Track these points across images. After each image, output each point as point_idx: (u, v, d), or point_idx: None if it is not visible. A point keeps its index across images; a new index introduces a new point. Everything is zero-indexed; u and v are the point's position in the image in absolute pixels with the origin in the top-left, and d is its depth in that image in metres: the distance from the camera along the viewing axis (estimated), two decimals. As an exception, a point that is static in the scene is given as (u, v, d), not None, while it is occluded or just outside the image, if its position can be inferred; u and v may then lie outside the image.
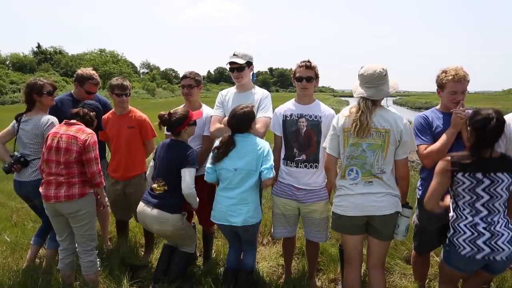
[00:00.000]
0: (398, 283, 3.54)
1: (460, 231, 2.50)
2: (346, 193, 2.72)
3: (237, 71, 3.42)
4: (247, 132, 3.05)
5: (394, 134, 2.61)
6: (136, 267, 3.72)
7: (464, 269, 2.53)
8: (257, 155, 2.95)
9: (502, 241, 2.39)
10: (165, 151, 3.25)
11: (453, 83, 2.82)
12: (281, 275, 3.72)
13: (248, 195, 3.00)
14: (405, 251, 4.02)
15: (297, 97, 3.23)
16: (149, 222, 3.22)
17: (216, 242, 4.24)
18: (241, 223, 2.99)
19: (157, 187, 3.20)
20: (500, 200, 2.41)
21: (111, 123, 3.78)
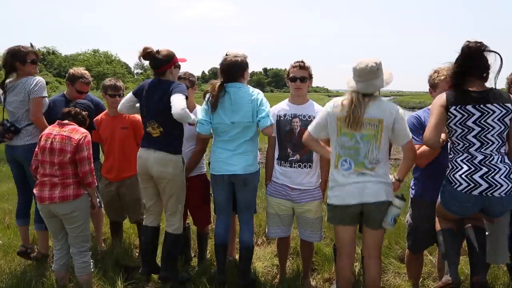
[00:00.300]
0: (393, 282, 3.56)
1: (457, 166, 2.47)
2: (340, 184, 2.71)
3: None
4: (238, 81, 3.01)
5: (387, 123, 2.60)
6: (131, 268, 3.70)
7: (459, 211, 2.50)
8: (252, 106, 2.94)
9: (499, 175, 2.36)
10: (152, 91, 3.11)
11: (445, 83, 2.83)
12: (276, 275, 3.72)
13: (247, 146, 3.03)
14: (399, 250, 4.05)
15: (290, 97, 3.25)
16: (151, 165, 3.11)
17: (210, 242, 4.24)
18: (242, 171, 2.99)
19: (153, 130, 3.11)
20: (493, 131, 2.39)
21: (105, 124, 3.76)
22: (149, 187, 3.26)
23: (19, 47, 3.48)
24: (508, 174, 2.37)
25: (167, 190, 3.19)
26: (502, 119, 2.38)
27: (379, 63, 2.60)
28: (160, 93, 3.06)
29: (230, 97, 2.98)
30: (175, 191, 3.21)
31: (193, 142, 3.57)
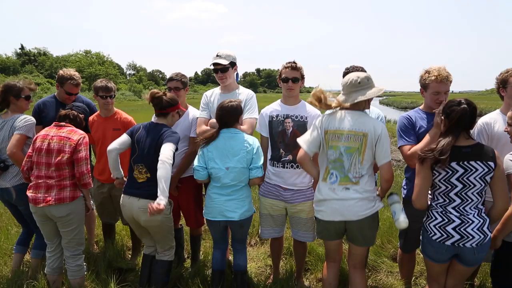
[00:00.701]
0: (385, 281, 3.59)
1: (432, 217, 2.54)
2: (325, 198, 2.74)
3: (221, 72, 3.43)
4: (234, 126, 3.04)
5: (371, 139, 2.62)
6: (123, 270, 3.69)
7: (435, 258, 2.56)
8: (247, 153, 2.96)
9: (471, 228, 2.42)
10: (145, 134, 3.08)
11: (436, 84, 2.86)
12: (269, 275, 3.72)
13: (243, 191, 3.03)
14: (392, 249, 4.08)
15: (283, 98, 3.25)
16: (136, 214, 3.02)
17: (203, 243, 4.24)
18: (239, 217, 3.00)
19: (139, 175, 3.03)
20: (473, 189, 2.42)
21: (96, 125, 3.75)
22: (139, 228, 3.22)
23: (15, 83, 3.45)
24: (480, 226, 2.43)
25: (157, 232, 3.17)
26: (484, 177, 2.42)
27: (363, 78, 2.66)
28: (153, 137, 3.04)
29: (225, 142, 2.99)
30: (166, 229, 3.19)
31: (186, 143, 3.57)
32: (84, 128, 3.34)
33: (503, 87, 3.04)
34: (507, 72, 3.02)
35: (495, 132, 2.97)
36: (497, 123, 3.00)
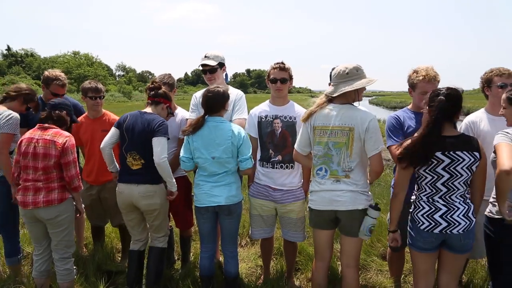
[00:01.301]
0: (375, 279, 3.62)
1: (419, 207, 2.56)
2: (316, 189, 2.79)
3: (209, 73, 3.43)
4: (219, 113, 3.01)
5: (358, 132, 2.62)
6: (113, 273, 3.66)
7: (425, 247, 2.57)
8: (232, 143, 2.93)
9: (457, 214, 2.46)
10: (136, 122, 3.10)
11: (423, 83, 2.89)
12: (260, 275, 3.73)
13: (229, 178, 3.02)
14: (381, 248, 4.11)
15: (271, 98, 3.26)
16: (136, 199, 3.09)
17: (194, 245, 4.23)
18: (225, 201, 2.98)
19: (134, 161, 3.09)
20: (460, 179, 2.45)
21: (85, 127, 3.71)
22: (134, 218, 3.26)
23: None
24: (466, 213, 2.48)
25: (156, 217, 3.21)
26: (470, 166, 2.45)
27: (352, 69, 2.64)
28: (144, 124, 3.06)
29: (210, 131, 2.96)
30: (163, 215, 3.25)
31: (175, 144, 3.56)
32: (71, 121, 3.27)
33: (488, 87, 3.07)
34: (491, 71, 3.05)
35: (480, 130, 3.01)
36: (482, 122, 3.04)
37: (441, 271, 2.69)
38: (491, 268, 2.82)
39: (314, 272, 2.97)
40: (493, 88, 3.02)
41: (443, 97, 2.44)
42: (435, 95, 2.50)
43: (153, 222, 3.23)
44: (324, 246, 2.89)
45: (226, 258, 3.16)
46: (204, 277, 3.20)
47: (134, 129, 3.08)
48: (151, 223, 3.25)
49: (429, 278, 2.69)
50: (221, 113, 3.03)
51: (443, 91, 2.47)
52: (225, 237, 3.14)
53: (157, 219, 3.22)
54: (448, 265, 2.64)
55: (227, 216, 3.04)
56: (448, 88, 2.49)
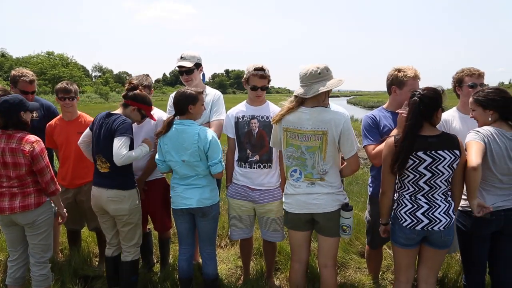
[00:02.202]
0: (354, 277, 3.66)
1: (402, 204, 2.61)
2: (291, 192, 2.78)
3: (186, 74, 3.41)
4: (188, 115, 2.95)
5: (332, 136, 2.62)
6: (90, 278, 3.59)
7: (407, 243, 2.62)
8: (198, 148, 2.87)
9: (438, 212, 2.52)
10: (101, 124, 3.06)
11: (413, 81, 2.92)
12: (240, 276, 3.73)
13: (201, 181, 2.98)
14: (360, 246, 4.17)
15: (249, 99, 3.25)
16: (105, 203, 3.06)
17: (173, 247, 4.19)
18: (196, 204, 2.96)
19: (102, 164, 3.05)
20: (442, 177, 2.50)
21: (59, 129, 3.62)
22: (107, 221, 3.23)
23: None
24: (446, 210, 2.54)
25: (125, 223, 3.14)
26: (451, 165, 2.50)
27: (323, 69, 2.61)
28: (106, 127, 3.01)
29: (178, 135, 2.92)
30: (134, 221, 3.17)
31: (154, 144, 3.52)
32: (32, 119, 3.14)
33: (459, 86, 3.15)
34: (462, 71, 3.13)
35: (452, 128, 3.10)
36: (454, 120, 3.13)
37: (421, 266, 2.75)
38: (464, 261, 2.91)
39: (291, 273, 2.97)
40: (464, 87, 3.10)
41: (418, 98, 2.48)
42: (411, 96, 2.55)
43: (122, 228, 3.15)
44: (300, 247, 2.90)
45: (204, 260, 3.15)
46: (183, 280, 3.17)
47: (100, 131, 3.04)
48: (120, 228, 3.17)
49: (409, 273, 2.74)
50: (190, 115, 2.96)
51: (419, 92, 2.51)
52: (202, 239, 3.12)
53: (126, 225, 3.13)
54: (428, 260, 2.70)
55: (202, 218, 3.02)
56: (424, 89, 2.53)
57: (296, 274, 2.93)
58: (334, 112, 2.65)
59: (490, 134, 2.59)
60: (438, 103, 2.52)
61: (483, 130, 2.62)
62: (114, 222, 3.21)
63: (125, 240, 3.20)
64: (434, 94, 2.51)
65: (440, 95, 2.54)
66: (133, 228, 3.17)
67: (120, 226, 3.16)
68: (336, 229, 2.78)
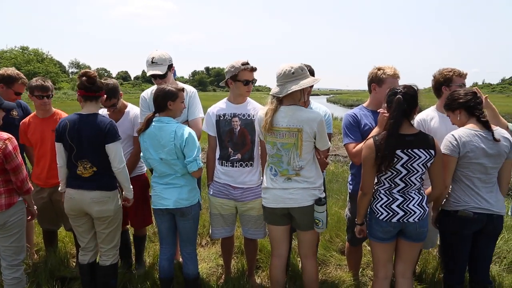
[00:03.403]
0: (334, 274, 3.70)
1: (378, 198, 2.67)
2: (269, 187, 2.84)
3: (159, 78, 3.32)
4: (167, 112, 2.91)
5: (307, 133, 2.67)
6: (67, 279, 3.50)
7: (384, 237, 2.67)
8: (174, 146, 2.84)
9: (413, 204, 2.60)
10: (81, 128, 2.86)
11: (392, 79, 2.96)
12: (221, 275, 3.71)
13: (179, 180, 2.94)
14: (340, 243, 4.21)
15: (232, 97, 3.20)
16: (88, 205, 2.91)
17: (153, 246, 4.14)
18: (173, 205, 2.93)
19: (84, 171, 2.90)
20: (416, 175, 2.58)
21: (33, 127, 3.51)
22: (83, 224, 3.07)
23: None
24: (420, 202, 2.63)
25: (108, 224, 3.04)
26: (426, 163, 2.58)
27: (297, 68, 2.66)
28: (92, 130, 2.86)
29: (156, 132, 2.88)
30: (117, 222, 3.09)
31: (130, 142, 3.47)
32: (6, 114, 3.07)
33: (447, 85, 3.12)
34: (451, 71, 3.13)
35: (431, 127, 3.15)
36: (433, 120, 3.18)
37: (398, 260, 2.81)
38: (445, 259, 2.97)
39: (271, 268, 2.99)
40: (453, 87, 3.08)
41: (401, 96, 2.53)
42: (392, 94, 2.59)
43: (104, 230, 3.04)
44: (279, 241, 2.94)
45: (184, 260, 3.12)
46: (164, 279, 3.14)
47: (81, 136, 2.87)
48: (101, 230, 3.05)
49: (387, 268, 2.79)
50: (170, 112, 2.92)
51: (400, 89, 2.56)
52: (182, 238, 3.09)
53: (109, 227, 3.04)
54: (404, 254, 2.76)
55: (181, 218, 2.99)
56: (405, 86, 2.58)
57: (276, 270, 2.96)
58: (310, 111, 2.75)
59: (466, 136, 2.67)
60: (417, 101, 2.60)
61: (458, 134, 2.69)
62: (91, 225, 3.08)
63: (105, 242, 3.10)
64: (414, 92, 2.58)
65: (417, 93, 2.61)
66: (114, 230, 3.09)
67: (102, 228, 3.04)
68: (310, 223, 2.84)
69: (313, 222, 2.82)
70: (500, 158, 2.70)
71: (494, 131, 2.68)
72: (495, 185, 2.78)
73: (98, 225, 3.04)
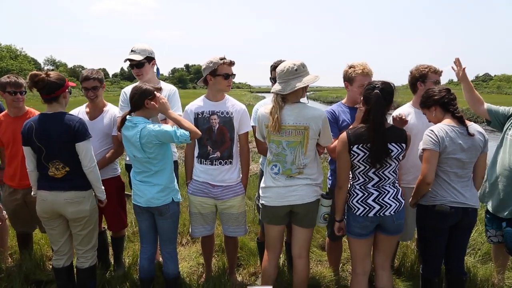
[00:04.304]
0: (315, 269, 3.72)
1: (354, 194, 2.70)
2: (270, 185, 2.82)
3: (136, 67, 3.31)
4: (141, 111, 2.86)
5: (313, 130, 2.69)
6: (43, 283, 3.41)
7: (362, 232, 2.71)
8: (141, 145, 2.78)
9: (388, 197, 2.64)
10: (49, 129, 2.76)
11: (362, 77, 2.99)
12: (202, 274, 3.69)
13: (153, 179, 2.89)
14: (320, 239, 4.25)
15: (210, 93, 3.16)
16: (62, 206, 2.82)
17: (132, 246, 4.08)
18: (144, 204, 2.90)
19: (57, 171, 2.80)
20: (390, 169, 2.62)
21: (5, 126, 3.40)
22: (57, 226, 2.96)
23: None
24: (395, 195, 2.67)
25: (84, 226, 2.95)
26: (398, 157, 2.63)
27: (299, 65, 2.66)
28: (60, 129, 2.76)
29: (128, 130, 2.83)
30: (93, 223, 3.01)
31: (107, 141, 3.40)
32: None
33: (422, 81, 3.18)
34: (427, 67, 3.19)
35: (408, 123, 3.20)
36: (409, 115, 3.22)
37: (376, 253, 2.85)
38: (423, 252, 3.03)
39: (265, 263, 2.97)
40: (428, 83, 3.14)
41: (379, 91, 2.56)
42: (370, 89, 2.61)
43: (80, 232, 2.96)
44: (276, 240, 2.95)
45: (164, 259, 3.08)
46: (144, 279, 3.09)
47: (50, 136, 2.76)
48: (78, 232, 2.96)
49: (366, 264, 2.83)
50: (147, 111, 2.86)
51: (378, 85, 2.59)
52: (162, 237, 3.06)
53: (85, 228, 2.96)
54: (382, 246, 2.81)
55: (160, 216, 2.96)
56: (383, 82, 2.62)
57: (270, 264, 2.95)
58: (315, 108, 2.76)
59: (444, 131, 2.72)
60: (393, 98, 2.64)
61: (437, 129, 2.74)
62: (66, 227, 2.99)
63: (82, 244, 3.01)
64: (391, 88, 2.62)
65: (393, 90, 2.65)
66: (91, 231, 3.01)
67: (78, 229, 2.95)
68: (313, 220, 2.87)
69: (314, 219, 2.86)
70: (476, 152, 2.77)
71: (469, 126, 2.75)
72: (470, 179, 2.85)
73: (74, 227, 2.96)
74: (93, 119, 3.36)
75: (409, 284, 3.29)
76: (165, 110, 2.90)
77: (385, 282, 2.83)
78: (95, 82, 3.30)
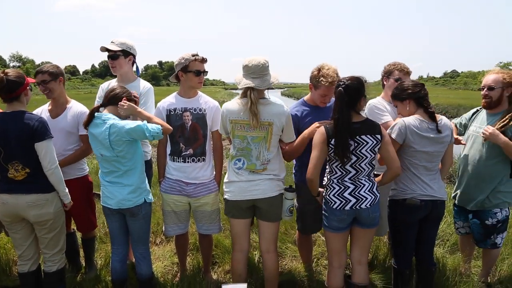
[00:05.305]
0: (290, 265, 3.75)
1: (330, 188, 2.74)
2: (233, 180, 2.85)
3: (111, 59, 3.25)
4: (114, 106, 2.81)
5: (277, 126, 2.75)
6: (9, 288, 3.29)
7: (339, 226, 2.74)
8: (110, 143, 2.71)
9: (363, 190, 2.69)
10: (6, 129, 2.64)
11: (326, 88, 2.94)
12: (176, 273, 3.64)
13: (122, 178, 2.83)
14: (295, 234, 4.26)
15: (182, 90, 3.12)
16: (24, 210, 2.71)
17: (104, 247, 3.98)
18: (115, 205, 2.84)
19: (16, 173, 2.69)
20: (365, 161, 2.67)
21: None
22: (20, 230, 2.86)
23: None
24: (371, 188, 2.72)
25: (49, 229, 2.84)
26: (373, 148, 2.67)
27: (267, 61, 2.74)
28: (19, 129, 2.64)
29: (96, 128, 2.75)
30: (59, 225, 2.90)
31: (72, 140, 3.27)
32: None
33: (387, 77, 3.37)
34: (394, 65, 3.34)
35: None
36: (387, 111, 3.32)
37: (353, 247, 2.89)
38: (394, 245, 3.10)
39: (234, 263, 2.99)
40: (391, 80, 3.33)
41: (342, 88, 2.60)
42: (336, 86, 2.67)
43: (46, 235, 2.85)
44: (241, 235, 2.95)
45: (137, 260, 3.03)
46: (116, 281, 3.03)
47: (8, 136, 2.64)
48: (43, 235, 2.86)
49: (342, 257, 2.87)
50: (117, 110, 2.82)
51: (343, 82, 2.63)
52: (133, 238, 3.00)
53: (51, 231, 2.85)
54: (359, 240, 2.85)
55: (131, 217, 2.90)
56: (349, 79, 2.64)
57: (239, 264, 2.96)
58: (278, 105, 2.79)
59: (414, 125, 2.78)
60: (361, 92, 2.67)
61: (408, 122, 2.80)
62: (30, 231, 2.88)
63: (48, 248, 2.91)
64: (357, 84, 2.64)
65: (363, 84, 2.69)
66: (57, 233, 2.91)
67: (43, 233, 2.84)
68: (277, 214, 2.90)
69: (279, 213, 2.89)
70: (444, 145, 2.86)
71: (439, 122, 2.82)
72: (437, 172, 2.93)
73: (39, 230, 2.85)
74: (55, 117, 3.23)
75: (382, 277, 3.35)
76: (133, 110, 2.84)
77: (362, 277, 2.88)
78: (44, 76, 3.12)
